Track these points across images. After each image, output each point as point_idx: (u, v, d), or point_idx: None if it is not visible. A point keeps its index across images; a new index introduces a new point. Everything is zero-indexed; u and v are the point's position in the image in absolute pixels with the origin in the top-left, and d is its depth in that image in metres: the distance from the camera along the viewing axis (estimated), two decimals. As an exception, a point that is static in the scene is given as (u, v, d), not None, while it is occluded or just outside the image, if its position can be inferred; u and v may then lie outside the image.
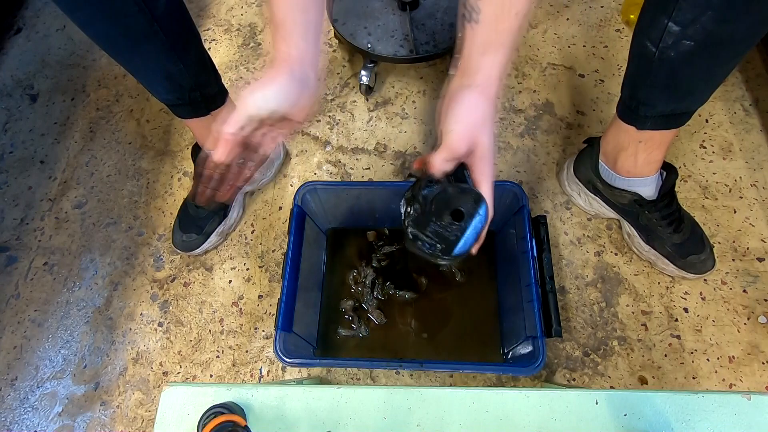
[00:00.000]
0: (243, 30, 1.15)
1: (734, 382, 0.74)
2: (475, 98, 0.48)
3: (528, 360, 0.63)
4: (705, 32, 0.54)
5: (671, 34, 0.56)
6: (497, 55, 0.47)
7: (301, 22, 0.48)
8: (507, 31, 0.46)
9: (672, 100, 0.65)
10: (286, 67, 0.48)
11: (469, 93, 0.48)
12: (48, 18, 1.24)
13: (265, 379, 0.79)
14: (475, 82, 0.48)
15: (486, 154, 0.49)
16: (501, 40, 0.47)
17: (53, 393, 0.81)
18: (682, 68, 0.59)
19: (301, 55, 0.48)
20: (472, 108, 0.48)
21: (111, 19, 0.61)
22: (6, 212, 0.98)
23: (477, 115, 0.48)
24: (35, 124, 1.08)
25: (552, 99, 1.00)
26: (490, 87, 0.48)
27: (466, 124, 0.48)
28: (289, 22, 0.48)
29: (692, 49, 0.56)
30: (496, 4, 0.46)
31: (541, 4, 1.12)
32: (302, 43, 0.48)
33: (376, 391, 0.45)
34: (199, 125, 0.80)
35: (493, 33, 0.47)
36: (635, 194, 0.77)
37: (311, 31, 0.49)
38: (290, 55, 0.48)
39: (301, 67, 0.49)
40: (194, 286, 0.87)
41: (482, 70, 0.48)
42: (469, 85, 0.48)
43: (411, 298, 0.80)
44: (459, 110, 0.48)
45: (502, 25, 0.46)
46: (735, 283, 0.80)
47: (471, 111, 0.48)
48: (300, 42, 0.48)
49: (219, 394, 0.45)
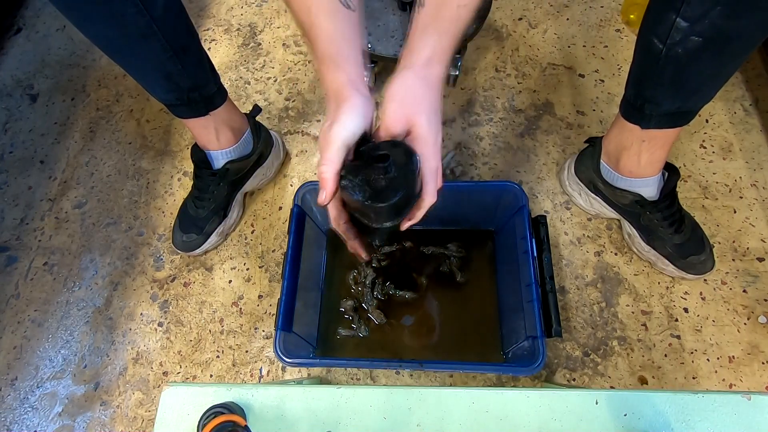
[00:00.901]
0: (243, 30, 1.15)
1: (734, 382, 0.74)
2: (411, 79, 0.48)
3: (528, 360, 0.63)
4: (714, 28, 0.53)
5: (679, 30, 0.55)
6: (434, 38, 0.48)
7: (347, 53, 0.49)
8: (447, 19, 0.47)
9: (678, 98, 0.64)
10: (351, 89, 0.48)
11: (405, 73, 0.49)
12: (48, 18, 1.24)
13: (265, 379, 0.79)
14: (412, 63, 0.48)
15: (423, 135, 0.48)
16: (440, 25, 0.47)
17: (53, 393, 0.81)
18: (689, 65, 0.59)
19: (354, 78, 0.49)
20: (408, 88, 0.48)
21: (109, 20, 0.61)
22: (6, 212, 0.98)
23: (412, 95, 0.48)
24: (35, 124, 1.08)
25: (552, 99, 1.00)
26: (428, 68, 0.48)
27: (399, 104, 0.48)
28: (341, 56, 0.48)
29: (700, 45, 0.55)
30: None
31: (541, 4, 1.12)
32: (353, 69, 0.49)
33: (376, 391, 0.45)
34: (198, 125, 0.79)
35: (434, 17, 0.47)
36: (637, 195, 0.77)
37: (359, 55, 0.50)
38: (349, 80, 0.48)
39: (361, 84, 0.49)
40: (194, 286, 0.88)
41: (419, 51, 0.48)
42: (405, 66, 0.49)
43: (411, 298, 0.80)
44: (394, 90, 0.49)
45: (444, 12, 0.47)
46: (735, 283, 0.80)
47: (406, 91, 0.48)
48: (351, 69, 0.49)
49: (219, 394, 0.45)
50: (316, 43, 0.48)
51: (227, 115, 0.81)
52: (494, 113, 1.00)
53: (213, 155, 0.84)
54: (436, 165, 0.49)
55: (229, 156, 0.84)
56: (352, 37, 0.49)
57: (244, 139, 0.85)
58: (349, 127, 0.47)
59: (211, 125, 0.79)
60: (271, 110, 1.04)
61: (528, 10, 1.12)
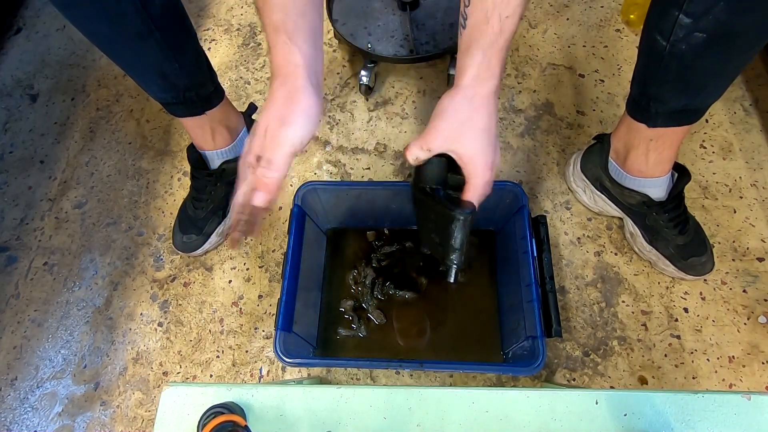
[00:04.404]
0: (243, 30, 1.15)
1: (734, 382, 0.74)
2: (458, 99, 0.49)
3: (528, 360, 0.63)
4: (718, 24, 0.53)
5: (682, 26, 0.55)
6: (479, 56, 0.48)
7: (302, 28, 0.46)
8: (491, 34, 0.47)
9: (684, 96, 0.63)
10: (305, 82, 0.46)
11: (453, 91, 0.50)
12: (48, 18, 1.24)
13: (265, 379, 0.79)
14: (461, 84, 0.49)
15: (468, 154, 0.50)
16: (484, 41, 0.48)
17: (53, 393, 0.81)
18: (693, 62, 0.58)
19: (309, 62, 0.46)
20: (453, 106, 0.50)
21: (106, 18, 0.61)
22: (6, 212, 0.98)
23: (457, 115, 0.49)
24: (35, 124, 1.08)
25: (552, 99, 1.00)
26: (474, 88, 0.49)
27: (442, 121, 0.50)
28: (289, 29, 0.45)
29: (704, 41, 0.55)
30: (481, 9, 0.47)
31: (541, 4, 1.12)
32: (308, 49, 0.46)
33: (376, 391, 0.45)
34: (195, 125, 0.79)
35: (477, 35, 0.48)
36: (644, 195, 0.76)
37: (315, 35, 0.48)
38: (299, 64, 0.45)
39: (315, 75, 0.47)
40: (194, 286, 0.87)
41: (464, 71, 0.49)
42: (455, 85, 0.50)
43: (411, 298, 0.80)
44: (440, 107, 0.50)
45: (486, 28, 0.47)
46: (735, 283, 0.80)
47: (451, 111, 0.49)
48: (305, 48, 0.46)
49: (219, 394, 0.45)
50: (267, 11, 0.45)
51: (224, 115, 0.81)
52: (494, 113, 0.99)
53: (208, 155, 0.84)
54: (482, 182, 0.51)
55: (224, 156, 0.84)
56: (310, 12, 0.46)
57: (240, 138, 0.85)
58: (299, 133, 0.46)
59: (207, 125, 0.79)
60: (271, 110, 1.04)
61: (528, 9, 1.12)
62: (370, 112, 1.02)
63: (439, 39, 0.94)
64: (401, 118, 1.01)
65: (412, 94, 1.04)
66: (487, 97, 0.49)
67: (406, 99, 1.03)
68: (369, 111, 1.02)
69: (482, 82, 0.49)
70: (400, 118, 1.01)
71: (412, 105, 1.02)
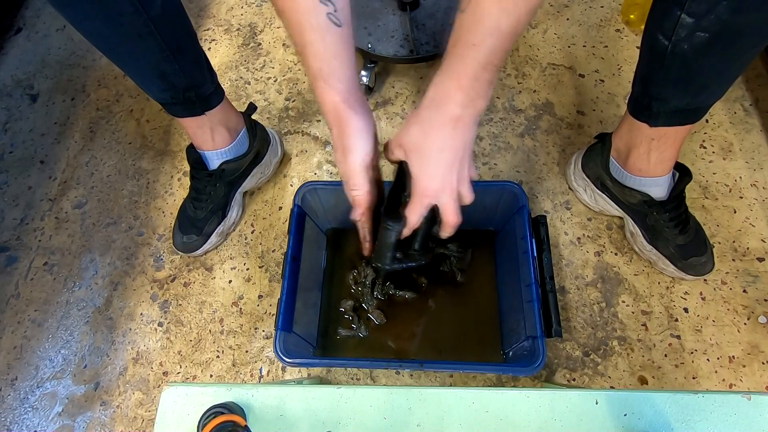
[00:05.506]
0: (243, 30, 1.15)
1: (734, 382, 0.74)
2: (423, 111, 0.51)
3: (528, 360, 0.63)
4: (720, 23, 0.53)
5: (684, 26, 0.55)
6: (454, 67, 0.49)
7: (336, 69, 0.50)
8: (463, 45, 0.48)
9: (686, 95, 0.63)
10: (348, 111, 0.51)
11: (421, 105, 0.51)
12: (48, 18, 1.24)
13: (265, 379, 0.79)
14: (427, 95, 0.51)
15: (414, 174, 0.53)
16: (455, 59, 0.48)
17: (53, 393, 0.81)
18: (695, 62, 0.58)
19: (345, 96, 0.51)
20: (415, 119, 0.52)
21: (105, 18, 0.61)
22: (6, 212, 0.98)
23: (420, 126, 0.51)
24: (35, 124, 1.08)
25: (552, 99, 1.00)
26: (440, 106, 0.49)
27: (406, 128, 0.53)
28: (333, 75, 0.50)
29: (706, 41, 0.55)
30: (461, 27, 0.47)
31: (542, 4, 1.12)
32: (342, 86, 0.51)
33: (376, 391, 0.45)
34: (194, 125, 0.79)
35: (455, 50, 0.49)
36: (645, 195, 0.76)
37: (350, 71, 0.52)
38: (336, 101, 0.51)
39: (355, 100, 0.52)
40: (194, 286, 0.87)
41: (433, 85, 0.50)
42: (426, 97, 0.51)
43: (411, 298, 0.80)
44: (408, 119, 0.53)
45: (462, 48, 0.47)
46: (735, 283, 0.80)
47: (413, 120, 0.52)
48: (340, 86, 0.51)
49: (219, 394, 0.45)
50: (308, 61, 0.50)
51: (223, 115, 0.81)
52: (494, 113, 0.99)
53: (208, 156, 0.84)
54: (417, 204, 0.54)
55: (224, 156, 0.84)
56: (342, 53, 0.50)
57: (239, 138, 0.85)
58: (361, 152, 0.53)
59: (207, 125, 0.79)
60: (271, 110, 1.04)
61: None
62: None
63: (440, 39, 0.94)
64: (401, 118, 1.01)
65: (412, 94, 1.04)
66: (452, 117, 0.49)
67: (406, 99, 1.03)
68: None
69: (446, 103, 0.49)
70: (400, 118, 1.01)
71: (412, 105, 1.02)
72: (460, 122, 0.49)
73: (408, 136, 0.52)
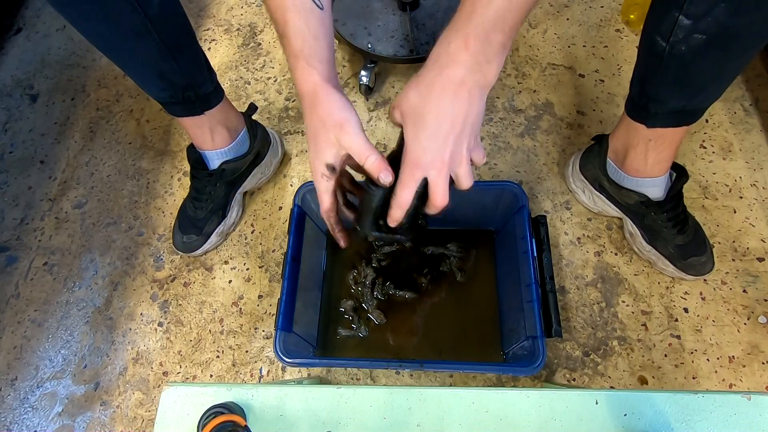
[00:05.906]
0: (243, 30, 1.15)
1: (734, 382, 0.74)
2: (427, 71, 0.46)
3: (528, 360, 0.63)
4: (717, 25, 0.53)
5: (682, 27, 0.55)
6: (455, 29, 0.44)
7: (317, 50, 0.50)
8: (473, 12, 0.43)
9: (683, 96, 0.64)
10: (327, 87, 0.49)
11: (425, 65, 0.47)
12: (48, 18, 1.24)
13: (265, 379, 0.79)
14: (432, 55, 0.47)
15: (406, 142, 0.47)
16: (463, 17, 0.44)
17: (53, 393, 0.81)
18: (693, 63, 0.58)
19: (325, 78, 0.50)
20: (416, 82, 0.47)
21: (104, 18, 0.61)
22: (6, 212, 0.98)
23: (415, 88, 0.47)
24: (35, 124, 1.08)
25: (552, 99, 1.00)
26: (443, 68, 0.44)
27: (404, 94, 0.48)
28: (313, 55, 0.49)
29: (704, 43, 0.55)
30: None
31: (541, 4, 1.12)
32: (323, 68, 0.50)
33: (376, 391, 0.45)
34: (193, 124, 0.79)
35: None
36: (643, 195, 0.76)
37: (329, 55, 0.51)
38: (317, 81, 0.50)
39: (335, 83, 0.51)
40: (194, 286, 0.87)
41: (439, 42, 0.46)
42: (429, 58, 0.48)
43: (411, 298, 0.80)
44: (411, 81, 0.49)
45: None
46: (735, 283, 0.80)
47: (413, 83, 0.48)
48: (320, 67, 0.50)
49: (219, 394, 0.45)
50: (290, 41, 0.50)
51: (223, 115, 0.81)
52: (494, 113, 0.99)
53: (208, 155, 0.84)
54: (406, 176, 0.48)
55: (224, 156, 0.84)
56: (323, 35, 0.50)
57: (239, 138, 0.85)
58: (345, 113, 0.49)
59: (206, 125, 0.79)
60: (271, 110, 1.04)
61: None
62: (370, 112, 1.02)
63: (439, 39, 0.94)
64: (401, 118, 1.01)
65: (412, 94, 1.03)
66: (453, 82, 0.43)
67: (406, 99, 1.03)
68: (369, 111, 1.02)
69: (453, 65, 0.43)
70: (400, 118, 1.01)
71: (412, 105, 1.02)
72: (463, 88, 0.43)
73: (406, 99, 0.46)
